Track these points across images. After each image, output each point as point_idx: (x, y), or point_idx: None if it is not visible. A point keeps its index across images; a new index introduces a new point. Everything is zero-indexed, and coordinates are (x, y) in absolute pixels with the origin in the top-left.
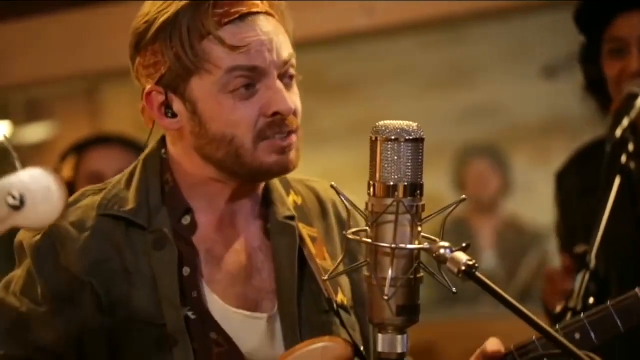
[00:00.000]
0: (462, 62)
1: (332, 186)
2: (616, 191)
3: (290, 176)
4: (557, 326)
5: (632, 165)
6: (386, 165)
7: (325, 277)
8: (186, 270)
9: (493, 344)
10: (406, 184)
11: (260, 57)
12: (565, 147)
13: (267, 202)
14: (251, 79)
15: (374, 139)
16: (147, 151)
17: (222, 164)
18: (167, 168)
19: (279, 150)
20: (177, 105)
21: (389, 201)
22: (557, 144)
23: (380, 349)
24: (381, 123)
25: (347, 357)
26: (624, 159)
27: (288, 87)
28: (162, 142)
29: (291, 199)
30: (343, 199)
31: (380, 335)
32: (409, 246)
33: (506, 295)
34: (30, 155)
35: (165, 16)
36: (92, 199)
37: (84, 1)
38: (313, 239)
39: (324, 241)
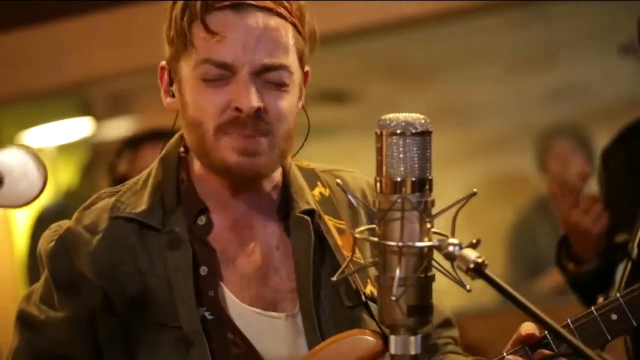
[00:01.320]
0: (545, 42)
1: (337, 184)
2: None
3: (318, 166)
4: (592, 308)
5: None
6: (392, 161)
7: (334, 278)
8: (204, 270)
9: (527, 328)
10: (413, 179)
11: (232, 53)
12: None
13: (286, 199)
14: (221, 72)
15: (379, 133)
16: (164, 152)
17: (197, 152)
18: (184, 166)
19: (240, 151)
20: (175, 86)
21: (395, 197)
22: None
23: (392, 351)
24: (387, 116)
25: (378, 349)
26: None
27: (272, 90)
28: (181, 139)
29: (317, 191)
30: (350, 197)
31: (392, 337)
32: (416, 244)
33: (515, 293)
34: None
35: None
36: (107, 201)
37: None
38: (341, 231)
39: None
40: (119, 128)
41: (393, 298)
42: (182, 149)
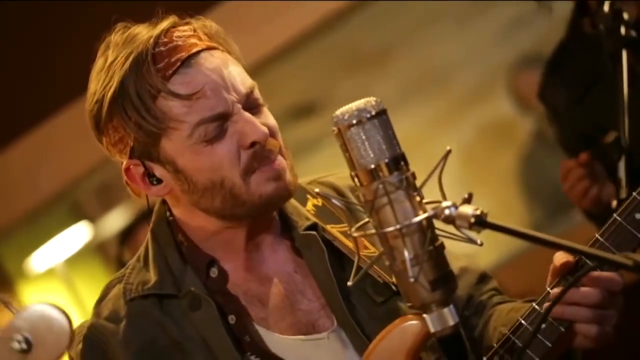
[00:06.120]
0: None
1: (317, 193)
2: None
3: (302, 181)
4: (614, 214)
5: (634, 32)
6: (359, 151)
7: (350, 283)
8: (232, 319)
9: (560, 257)
10: (386, 160)
11: (221, 101)
12: None
13: (285, 221)
14: (219, 123)
15: (336, 130)
16: (152, 223)
17: (223, 211)
18: (178, 229)
19: (273, 177)
20: (159, 170)
21: (375, 185)
22: None
23: (432, 329)
24: (337, 111)
25: (426, 329)
26: (622, 30)
27: (257, 113)
28: (164, 205)
29: (310, 205)
30: (335, 201)
31: (426, 316)
32: (413, 220)
33: (528, 231)
34: (115, 243)
35: (112, 90)
36: (118, 287)
37: None
38: (347, 235)
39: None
40: (117, 219)
41: (412, 279)
42: (168, 214)
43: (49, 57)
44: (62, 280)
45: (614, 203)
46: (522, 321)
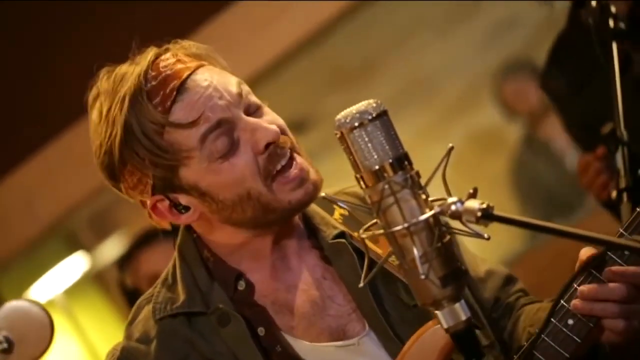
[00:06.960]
0: None
1: (323, 197)
2: (617, 57)
3: (327, 192)
4: (638, 209)
5: (622, 25)
6: (363, 153)
7: (362, 284)
8: (261, 331)
9: (586, 251)
10: (390, 161)
11: (216, 109)
12: None
13: (312, 231)
14: (225, 132)
15: (339, 134)
16: (178, 241)
17: (256, 220)
18: (203, 246)
19: (298, 183)
20: (184, 199)
21: (381, 185)
22: None
23: (445, 325)
24: (339, 115)
25: None
26: (611, 23)
27: (259, 115)
28: (189, 225)
29: (337, 214)
30: (340, 203)
31: (438, 313)
32: (420, 218)
33: (534, 221)
34: (116, 268)
35: (118, 136)
36: (147, 308)
37: None
38: (374, 241)
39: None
40: (113, 247)
41: (422, 276)
42: (192, 232)
43: (42, 87)
44: (62, 311)
45: (614, 194)
46: (552, 319)
